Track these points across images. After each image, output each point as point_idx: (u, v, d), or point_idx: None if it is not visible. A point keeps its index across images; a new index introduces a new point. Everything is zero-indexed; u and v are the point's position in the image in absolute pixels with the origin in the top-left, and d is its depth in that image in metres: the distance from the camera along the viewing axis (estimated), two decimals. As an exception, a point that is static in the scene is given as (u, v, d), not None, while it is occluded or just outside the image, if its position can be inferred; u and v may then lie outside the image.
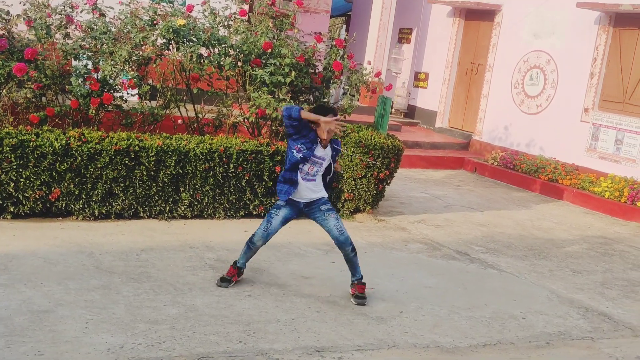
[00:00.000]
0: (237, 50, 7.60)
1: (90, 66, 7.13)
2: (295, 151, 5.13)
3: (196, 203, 6.95)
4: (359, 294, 5.32)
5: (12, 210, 6.27)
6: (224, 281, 5.32)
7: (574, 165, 11.22)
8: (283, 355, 4.26)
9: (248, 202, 7.19)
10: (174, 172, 6.75)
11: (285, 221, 5.30)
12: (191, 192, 6.88)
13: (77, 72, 6.98)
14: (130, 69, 7.37)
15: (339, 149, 5.39)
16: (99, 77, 7.03)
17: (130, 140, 6.60)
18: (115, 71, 7.07)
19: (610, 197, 10.08)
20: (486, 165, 12.17)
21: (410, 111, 15.36)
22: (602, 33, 11.17)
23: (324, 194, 5.35)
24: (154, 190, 6.72)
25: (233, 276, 5.35)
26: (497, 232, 8.13)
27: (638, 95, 10.69)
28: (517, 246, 7.62)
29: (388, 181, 8.05)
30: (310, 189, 5.25)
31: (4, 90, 6.78)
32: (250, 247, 5.36)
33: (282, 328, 4.66)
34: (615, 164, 10.78)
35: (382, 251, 6.76)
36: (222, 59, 7.55)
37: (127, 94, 7.42)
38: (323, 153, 5.22)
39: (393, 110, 15.18)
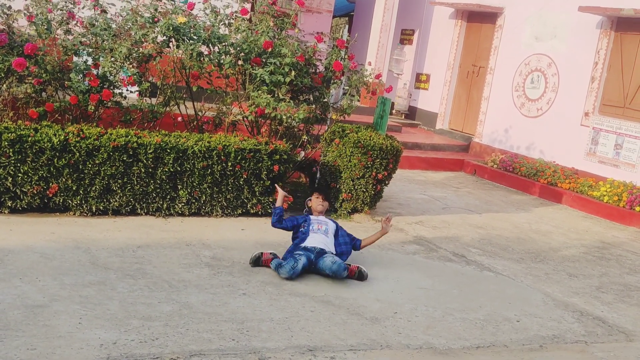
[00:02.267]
0: (238, 48, 7.61)
1: (90, 62, 7.14)
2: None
3: (194, 201, 6.96)
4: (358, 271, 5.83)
5: (9, 204, 6.29)
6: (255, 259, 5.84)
7: (573, 169, 11.22)
8: (276, 354, 4.27)
9: (246, 201, 7.20)
10: (172, 170, 6.76)
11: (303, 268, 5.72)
12: (189, 190, 6.89)
13: (77, 68, 6.99)
14: (130, 66, 7.37)
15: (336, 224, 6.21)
16: (98, 74, 7.04)
17: (129, 136, 6.61)
18: (115, 68, 7.08)
19: (609, 201, 10.08)
20: (486, 168, 12.17)
21: (411, 112, 15.37)
22: (603, 37, 11.17)
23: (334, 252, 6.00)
24: (152, 187, 6.73)
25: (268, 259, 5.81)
26: (495, 235, 8.13)
27: (638, 100, 10.69)
28: (514, 249, 7.62)
29: (386, 182, 8.05)
30: (323, 242, 5.92)
31: (4, 85, 6.80)
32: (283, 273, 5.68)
33: (275, 327, 4.67)
34: (614, 169, 10.78)
35: (379, 252, 6.76)
36: (222, 57, 7.56)
37: (127, 90, 7.42)
38: (318, 218, 6.15)
39: (394, 111, 15.20)
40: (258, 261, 5.78)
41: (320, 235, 5.95)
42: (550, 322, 5.51)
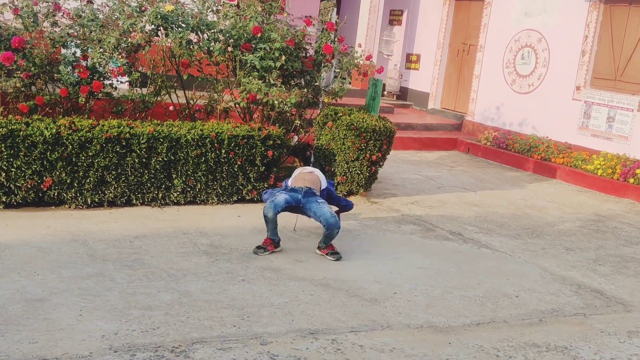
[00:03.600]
0: (227, 35, 7.57)
1: (79, 54, 7.09)
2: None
3: (189, 189, 6.95)
4: (332, 251, 5.84)
5: (4, 200, 6.26)
6: (260, 248, 5.79)
7: (566, 144, 11.24)
8: (277, 339, 4.28)
9: (241, 187, 7.19)
10: (165, 159, 6.73)
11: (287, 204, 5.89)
12: (183, 179, 6.88)
13: (66, 60, 6.93)
14: (119, 56, 7.32)
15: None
16: (88, 65, 6.99)
17: (121, 127, 6.58)
18: (104, 59, 7.04)
19: (602, 174, 10.10)
20: (479, 146, 12.17)
21: (403, 93, 15.34)
22: (593, 10, 11.14)
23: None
24: (146, 177, 6.71)
25: (268, 245, 5.80)
26: (491, 212, 8.15)
27: (629, 73, 10.69)
28: (510, 225, 7.64)
29: (380, 163, 8.05)
30: (309, 180, 6.04)
31: (-7, 80, 6.75)
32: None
33: (275, 311, 4.68)
34: (607, 142, 10.80)
35: (376, 233, 6.77)
36: (212, 44, 7.51)
37: (117, 81, 7.38)
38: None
39: (385, 92, 15.17)
40: (260, 248, 5.82)
41: (306, 174, 6.08)
42: (548, 296, 5.54)
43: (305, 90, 8.04)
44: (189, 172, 6.88)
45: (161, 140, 6.67)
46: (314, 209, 5.81)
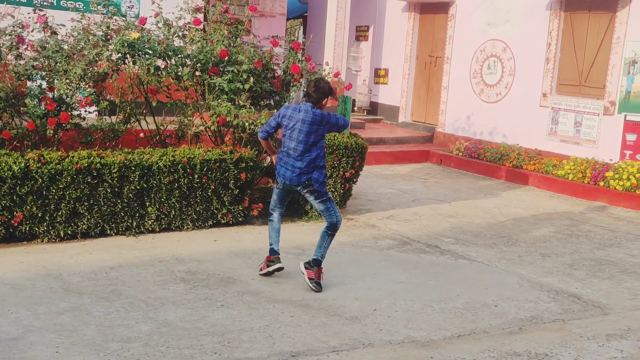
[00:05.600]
0: (194, 59, 7.57)
1: (45, 86, 7.03)
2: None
3: (163, 216, 6.90)
4: (316, 280, 5.57)
5: (-26, 237, 6.16)
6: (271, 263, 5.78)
7: (536, 150, 11.38)
8: (259, 363, 4.25)
9: (215, 212, 7.16)
10: (138, 187, 6.69)
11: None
12: (157, 206, 6.83)
13: (32, 93, 6.87)
14: (86, 86, 7.28)
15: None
16: (54, 97, 6.93)
17: (91, 158, 6.52)
18: (70, 89, 6.99)
19: (573, 179, 10.24)
20: (451, 157, 12.28)
21: (373, 108, 15.43)
22: (554, 18, 11.34)
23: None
24: (120, 206, 6.65)
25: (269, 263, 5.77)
26: (466, 222, 8.21)
27: (593, 77, 10.88)
28: (486, 235, 7.70)
29: (354, 180, 8.08)
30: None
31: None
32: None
33: (256, 335, 4.65)
34: (576, 146, 10.96)
35: (353, 250, 6.77)
36: (180, 69, 7.51)
37: (85, 111, 7.33)
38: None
39: (355, 108, 15.25)
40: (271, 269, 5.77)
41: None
42: (527, 303, 5.58)
43: (275, 110, 8.05)
44: (162, 199, 6.84)
45: (133, 168, 6.63)
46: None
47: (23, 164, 6.21)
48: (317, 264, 5.59)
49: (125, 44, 7.10)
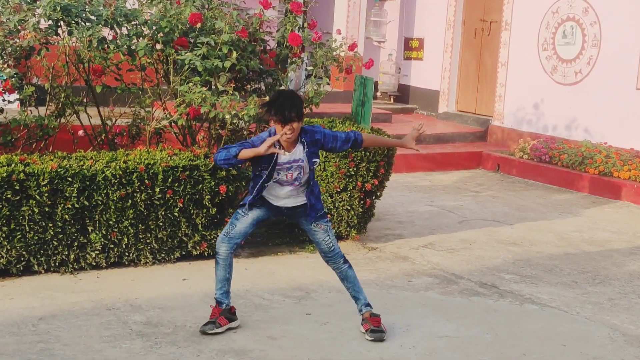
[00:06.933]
0: (154, 28, 7.60)
1: (-53, 66, 7.10)
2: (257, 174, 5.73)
3: (112, 246, 6.93)
4: (375, 327, 5.74)
5: None
6: (209, 324, 5.74)
7: (632, 151, 11.37)
8: None
9: (185, 239, 7.18)
10: (77, 206, 6.72)
11: (257, 222, 5.84)
12: (103, 232, 6.86)
13: None
14: (5, 65, 7.33)
15: (317, 139, 5.71)
16: (-40, 81, 7.00)
17: (13, 165, 6.56)
18: (-17, 70, 7.04)
19: (685, 190, 10.24)
20: (513, 160, 12.29)
21: (403, 93, 15.48)
22: (655, -33, 11.38)
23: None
24: (51, 232, 6.68)
25: (217, 317, 5.74)
26: (534, 252, 8.21)
27: None
28: (562, 269, 7.70)
29: (378, 193, 8.09)
30: (293, 195, 5.75)
31: None
32: (218, 262, 5.78)
33: (244, 412, 4.66)
34: (688, 145, 10.97)
35: (377, 291, 6.78)
36: (134, 41, 7.54)
37: (4, 100, 7.38)
38: (291, 157, 5.63)
39: (379, 93, 15.30)
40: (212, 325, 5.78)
41: (287, 188, 5.71)
42: (622, 365, 5.58)
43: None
44: (110, 222, 6.86)
45: (69, 179, 6.66)
46: (306, 230, 5.92)
47: None
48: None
49: (58, 7, 7.14)
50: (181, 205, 7.08)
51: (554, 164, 11.79)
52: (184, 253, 7.22)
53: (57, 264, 6.78)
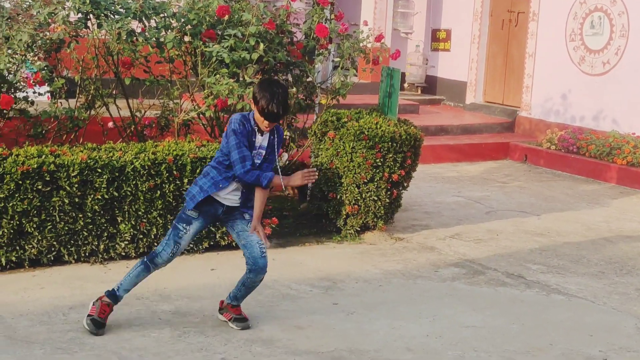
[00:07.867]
0: (182, 20, 7.63)
1: (-22, 59, 7.15)
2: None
3: (141, 236, 6.96)
4: (237, 315, 5.66)
5: None
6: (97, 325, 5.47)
7: (661, 142, 11.29)
8: None
9: (213, 229, 7.20)
10: (106, 197, 6.75)
11: (194, 236, 5.65)
12: (133, 222, 6.89)
13: (-38, 69, 6.99)
14: (35, 58, 7.37)
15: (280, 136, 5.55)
16: (-8, 74, 7.05)
17: (43, 156, 6.60)
18: (14, 63, 7.08)
19: None
20: (540, 151, 12.22)
21: (430, 84, 15.43)
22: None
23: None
24: (81, 223, 6.72)
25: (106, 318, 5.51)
26: (562, 243, 8.17)
27: None
28: (590, 260, 7.65)
29: (405, 184, 8.07)
30: (234, 191, 5.48)
31: None
32: (150, 270, 5.58)
33: (271, 400, 4.67)
34: None
35: (404, 282, 6.77)
36: (162, 34, 7.57)
37: (35, 92, 7.42)
38: (262, 140, 5.43)
39: (406, 85, 15.26)
40: None
41: (233, 184, 5.45)
42: (649, 356, 5.54)
43: (295, 89, 8.08)
44: (139, 213, 6.90)
45: (99, 170, 6.70)
46: (238, 231, 5.55)
47: (-50, 166, 6.32)
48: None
49: (88, 1, 7.19)
50: (209, 196, 7.09)
51: (581, 154, 11.72)
52: (212, 243, 7.25)
53: (87, 254, 6.82)
